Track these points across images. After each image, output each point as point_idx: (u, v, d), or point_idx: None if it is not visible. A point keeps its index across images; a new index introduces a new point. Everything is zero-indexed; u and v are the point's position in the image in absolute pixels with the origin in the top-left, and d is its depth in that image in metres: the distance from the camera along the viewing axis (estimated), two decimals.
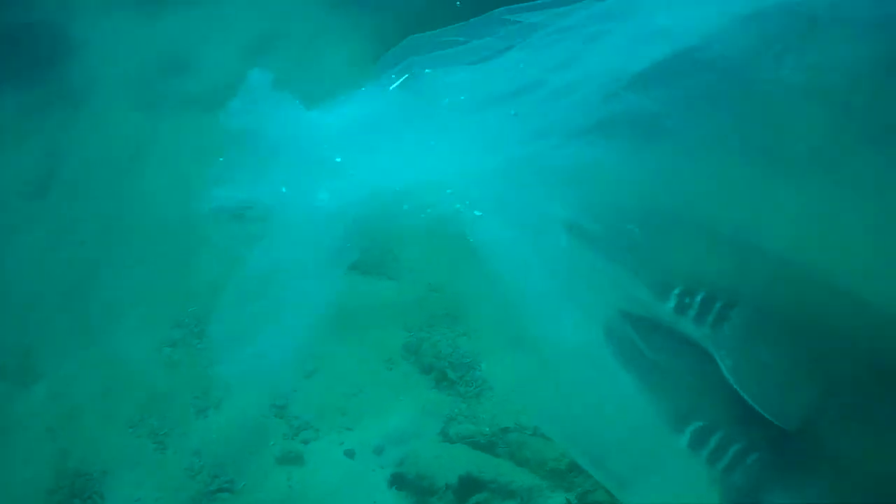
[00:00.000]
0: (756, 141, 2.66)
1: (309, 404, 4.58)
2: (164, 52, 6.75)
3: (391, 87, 2.82)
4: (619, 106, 2.63)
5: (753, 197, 2.54)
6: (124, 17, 7.07)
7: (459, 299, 5.02)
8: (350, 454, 4.29)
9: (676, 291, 2.32)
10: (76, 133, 6.02)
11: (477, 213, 2.66)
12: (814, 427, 2.18)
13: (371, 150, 2.92)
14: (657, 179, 2.57)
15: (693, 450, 2.25)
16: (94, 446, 4.54)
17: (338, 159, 2.88)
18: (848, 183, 2.84)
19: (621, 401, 2.41)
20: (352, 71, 6.27)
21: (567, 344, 2.53)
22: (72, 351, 4.87)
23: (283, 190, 3.01)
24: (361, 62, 6.23)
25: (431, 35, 2.85)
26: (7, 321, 5.02)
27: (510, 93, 2.75)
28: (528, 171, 2.63)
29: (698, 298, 2.30)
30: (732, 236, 2.41)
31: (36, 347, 4.92)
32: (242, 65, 6.37)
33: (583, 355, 2.50)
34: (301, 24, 6.84)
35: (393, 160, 2.81)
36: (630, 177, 2.57)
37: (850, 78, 2.91)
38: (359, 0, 6.73)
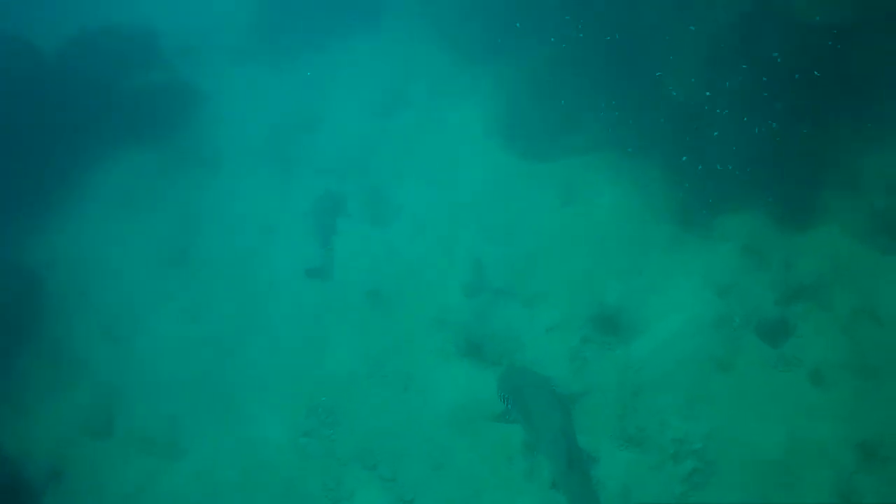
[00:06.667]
0: None
1: (436, 500, 4.55)
2: (293, 110, 6.77)
3: None
4: None
5: None
6: (251, 72, 7.21)
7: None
8: None
9: None
10: (210, 195, 6.03)
11: None
12: None
13: None
14: None
15: None
16: None
17: None
18: None
19: None
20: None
21: None
22: (213, 430, 4.98)
23: None
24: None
25: None
26: (154, 394, 5.15)
27: None
28: None
29: None
30: None
31: (181, 421, 5.04)
32: (371, 122, 6.36)
33: None
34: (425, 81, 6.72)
35: None
36: None
37: None
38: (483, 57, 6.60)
